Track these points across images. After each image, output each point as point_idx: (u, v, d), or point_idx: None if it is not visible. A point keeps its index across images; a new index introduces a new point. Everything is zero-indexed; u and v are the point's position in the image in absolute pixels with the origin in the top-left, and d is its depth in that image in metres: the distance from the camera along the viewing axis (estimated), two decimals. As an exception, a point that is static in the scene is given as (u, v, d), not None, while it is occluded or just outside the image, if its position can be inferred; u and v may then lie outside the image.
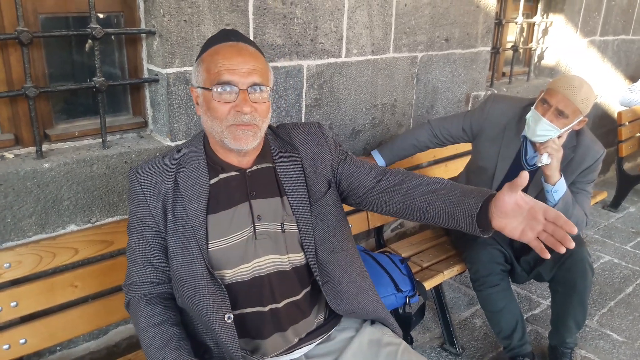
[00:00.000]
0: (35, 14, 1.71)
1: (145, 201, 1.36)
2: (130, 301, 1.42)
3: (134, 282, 1.41)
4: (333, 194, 1.49)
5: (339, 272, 1.47)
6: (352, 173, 1.49)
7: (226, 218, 1.36)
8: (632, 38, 4.56)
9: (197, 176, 1.37)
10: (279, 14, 2.10)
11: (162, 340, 1.32)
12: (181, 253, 1.35)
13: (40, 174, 1.66)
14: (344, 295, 1.48)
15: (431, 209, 1.34)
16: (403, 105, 2.78)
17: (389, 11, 2.51)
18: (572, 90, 2.01)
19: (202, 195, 1.35)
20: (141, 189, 1.36)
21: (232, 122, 1.29)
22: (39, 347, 1.64)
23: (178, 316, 1.41)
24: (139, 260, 1.39)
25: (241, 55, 1.30)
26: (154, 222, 1.36)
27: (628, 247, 3.64)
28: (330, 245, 1.46)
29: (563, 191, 2.10)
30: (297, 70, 2.24)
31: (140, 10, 1.88)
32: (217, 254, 1.35)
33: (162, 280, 1.41)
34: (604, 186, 4.57)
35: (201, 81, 1.32)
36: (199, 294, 1.33)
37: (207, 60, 1.31)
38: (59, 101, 1.87)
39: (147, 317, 1.35)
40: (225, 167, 1.40)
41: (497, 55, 3.48)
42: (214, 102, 1.29)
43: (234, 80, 1.27)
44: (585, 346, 2.58)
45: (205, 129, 1.37)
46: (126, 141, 1.92)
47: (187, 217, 1.34)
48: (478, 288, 2.29)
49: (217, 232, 1.35)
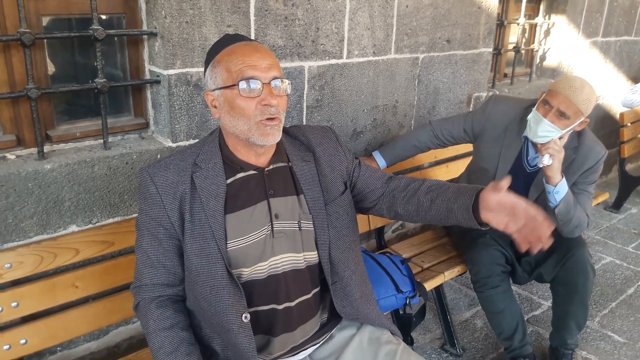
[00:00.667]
0: (38, 15, 1.72)
1: (162, 202, 1.34)
2: (139, 303, 1.40)
3: (144, 284, 1.39)
4: (348, 195, 1.53)
5: (348, 273, 1.49)
6: (367, 178, 1.57)
7: (245, 217, 1.37)
8: (635, 39, 4.55)
9: (214, 176, 1.36)
10: (281, 15, 2.10)
11: (172, 345, 1.32)
12: (200, 254, 1.34)
13: (42, 175, 1.67)
14: (351, 297, 1.50)
15: (434, 207, 1.44)
16: (404, 106, 2.78)
17: (391, 12, 2.51)
18: (573, 91, 2.01)
19: (220, 194, 1.35)
20: (156, 189, 1.34)
21: (260, 117, 1.30)
22: (40, 347, 1.64)
23: (188, 320, 1.41)
24: (150, 261, 1.38)
25: (259, 51, 1.32)
26: (169, 223, 1.35)
27: (630, 249, 3.63)
28: (342, 244, 1.49)
29: (564, 192, 2.10)
30: (298, 71, 2.24)
31: (142, 12, 1.88)
32: (236, 252, 1.35)
33: (173, 283, 1.40)
34: (606, 187, 4.56)
35: (220, 82, 1.32)
36: (218, 294, 1.33)
37: (225, 61, 1.31)
38: (60, 102, 1.87)
39: (157, 321, 1.35)
40: (244, 166, 1.40)
41: (499, 56, 3.48)
42: (238, 100, 1.29)
43: (257, 75, 1.29)
44: (586, 347, 2.58)
45: (227, 129, 1.36)
46: (127, 142, 1.93)
47: (205, 217, 1.34)
48: (479, 289, 2.29)
49: (235, 231, 1.35)
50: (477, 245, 2.29)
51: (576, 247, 2.24)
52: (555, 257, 2.26)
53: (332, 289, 1.47)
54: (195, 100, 1.95)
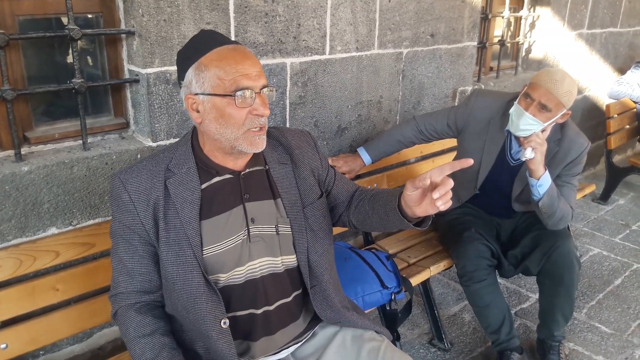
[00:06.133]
0: (13, 16, 1.69)
1: (135, 209, 1.31)
2: (117, 311, 1.38)
3: (120, 291, 1.37)
4: (324, 199, 1.53)
5: (326, 277, 1.48)
6: (339, 189, 1.57)
7: (221, 222, 1.34)
8: (620, 30, 4.56)
9: (188, 181, 1.34)
10: (261, 11, 2.09)
11: (153, 351, 1.30)
12: (175, 262, 1.32)
13: (19, 177, 1.65)
14: (330, 301, 1.49)
15: (375, 214, 1.44)
16: (389, 102, 2.78)
17: (373, 7, 2.50)
18: (554, 84, 2.01)
19: (195, 201, 1.33)
20: (129, 197, 1.31)
21: (248, 126, 1.28)
22: (21, 351, 1.62)
23: (168, 325, 1.40)
24: (125, 269, 1.36)
25: (249, 58, 1.29)
26: (143, 230, 1.32)
27: (617, 240, 3.65)
28: (320, 248, 1.48)
29: (548, 185, 2.10)
30: (280, 68, 2.23)
31: (119, 11, 1.86)
32: (212, 259, 1.34)
33: (150, 289, 1.38)
34: (593, 179, 4.58)
35: (209, 88, 1.26)
36: (195, 301, 1.32)
37: (215, 66, 1.26)
38: (38, 103, 1.85)
39: (137, 328, 1.33)
40: (220, 170, 1.37)
41: (484, 50, 3.47)
42: (230, 109, 1.26)
43: (250, 85, 1.26)
44: (573, 339, 2.59)
45: (211, 135, 1.31)
46: (107, 142, 1.91)
47: (180, 224, 1.31)
48: (465, 283, 2.29)
49: (211, 237, 1.33)
50: (463, 240, 2.29)
51: (561, 240, 2.24)
52: (541, 250, 2.27)
53: (311, 293, 1.46)
54: (175, 99, 1.94)
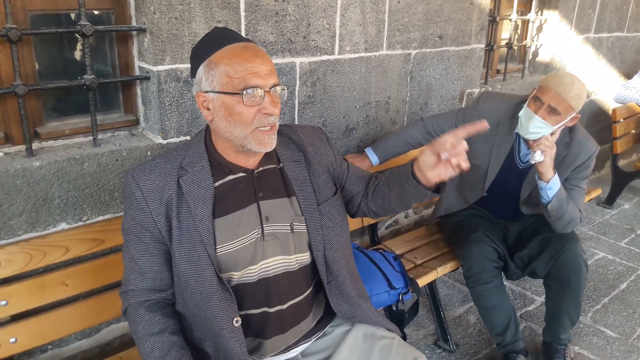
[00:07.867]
0: (25, 11, 1.70)
1: (147, 207, 1.30)
2: (127, 308, 1.38)
3: (131, 289, 1.37)
4: (339, 195, 1.54)
5: (343, 272, 1.48)
6: (354, 181, 1.58)
7: (234, 220, 1.34)
8: (627, 35, 4.56)
9: (201, 179, 1.33)
10: (271, 10, 2.09)
11: (162, 350, 1.30)
12: (188, 260, 1.31)
13: (30, 172, 1.65)
14: (347, 296, 1.49)
15: (392, 193, 1.46)
16: (397, 103, 2.78)
17: (382, 8, 2.50)
18: (564, 87, 2.01)
19: (208, 198, 1.32)
20: (142, 194, 1.30)
21: (256, 125, 1.28)
22: (30, 346, 1.63)
23: (177, 324, 1.39)
24: (137, 267, 1.35)
25: (259, 56, 1.28)
26: (155, 228, 1.32)
27: (622, 244, 3.64)
28: (336, 244, 1.48)
29: (557, 188, 2.10)
30: (289, 67, 2.23)
31: (130, 7, 1.87)
32: (225, 257, 1.33)
33: (161, 287, 1.38)
34: (598, 183, 4.57)
35: (218, 85, 1.27)
36: (208, 300, 1.31)
37: (225, 64, 1.26)
38: (49, 99, 1.86)
39: (146, 326, 1.33)
40: (233, 168, 1.37)
41: (492, 52, 3.47)
42: (239, 107, 1.26)
43: (260, 84, 1.26)
44: (579, 342, 2.58)
45: (221, 133, 1.31)
46: (117, 139, 1.91)
47: (193, 222, 1.31)
48: (471, 285, 2.29)
49: (225, 235, 1.33)
50: (469, 241, 2.28)
51: (569, 243, 2.24)
52: (549, 252, 2.26)
53: (327, 289, 1.46)
54: (186, 97, 1.94)
